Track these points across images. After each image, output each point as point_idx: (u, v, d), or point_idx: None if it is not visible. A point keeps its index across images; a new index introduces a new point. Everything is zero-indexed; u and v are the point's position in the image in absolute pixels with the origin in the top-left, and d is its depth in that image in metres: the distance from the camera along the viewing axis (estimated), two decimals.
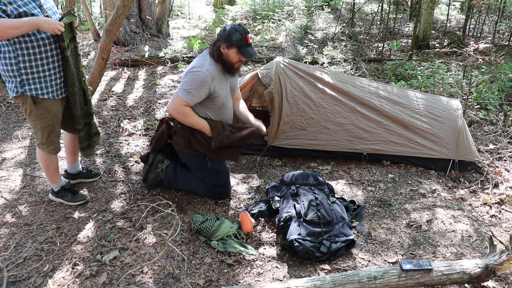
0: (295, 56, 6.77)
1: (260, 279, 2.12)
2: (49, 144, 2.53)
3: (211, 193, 2.82)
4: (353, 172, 3.26)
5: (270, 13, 9.42)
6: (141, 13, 7.76)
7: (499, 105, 4.72)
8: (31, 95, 2.33)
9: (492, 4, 8.74)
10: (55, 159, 2.65)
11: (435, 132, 3.30)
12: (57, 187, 2.74)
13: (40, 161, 2.64)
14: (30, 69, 2.28)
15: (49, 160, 2.61)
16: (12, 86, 2.33)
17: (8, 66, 2.27)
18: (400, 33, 8.96)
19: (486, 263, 1.97)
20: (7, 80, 2.34)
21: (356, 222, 2.61)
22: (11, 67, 2.27)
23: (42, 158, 2.60)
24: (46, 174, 2.69)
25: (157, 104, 4.72)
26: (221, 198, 2.85)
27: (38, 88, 2.33)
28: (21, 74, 2.28)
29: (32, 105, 2.37)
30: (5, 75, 2.34)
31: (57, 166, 2.69)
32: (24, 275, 2.10)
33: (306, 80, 3.36)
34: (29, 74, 2.29)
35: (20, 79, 2.29)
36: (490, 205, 2.85)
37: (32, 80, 2.31)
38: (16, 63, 2.25)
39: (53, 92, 2.40)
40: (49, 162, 2.62)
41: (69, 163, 2.93)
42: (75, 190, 2.81)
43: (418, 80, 5.39)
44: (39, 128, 2.47)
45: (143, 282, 2.08)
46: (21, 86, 2.31)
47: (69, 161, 2.92)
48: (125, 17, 4.00)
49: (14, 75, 2.29)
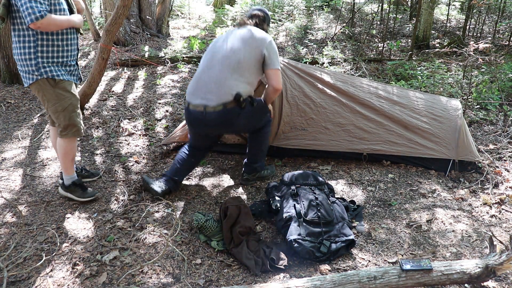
0: (295, 56, 6.77)
1: (260, 279, 2.12)
2: (72, 125, 2.59)
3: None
4: (353, 172, 3.26)
5: (270, 13, 9.41)
6: (141, 13, 7.76)
7: (499, 105, 4.72)
8: (47, 77, 2.44)
9: (492, 4, 8.74)
10: (75, 148, 2.69)
11: (435, 132, 3.30)
12: (69, 180, 2.74)
13: (60, 150, 2.66)
14: (47, 53, 2.42)
15: (69, 147, 2.65)
16: (28, 70, 2.42)
17: (26, 49, 2.38)
18: (400, 33, 8.96)
19: (486, 263, 1.97)
20: (23, 65, 2.42)
21: (356, 222, 2.61)
22: (28, 50, 2.38)
23: (63, 146, 2.63)
24: (63, 163, 2.70)
25: (157, 104, 4.72)
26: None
27: (53, 70, 2.46)
28: (37, 57, 2.40)
29: (50, 88, 2.47)
30: (21, 61, 2.42)
31: (74, 156, 2.73)
32: (24, 275, 2.10)
33: (306, 80, 3.36)
34: (45, 58, 2.42)
35: (35, 61, 2.40)
36: (490, 205, 2.85)
37: (47, 63, 2.43)
38: (34, 46, 2.38)
39: (68, 75, 2.54)
40: (68, 150, 2.65)
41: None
42: (85, 186, 2.81)
43: (418, 80, 5.39)
44: (60, 110, 2.53)
45: (143, 282, 2.08)
46: (37, 69, 2.41)
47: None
48: (125, 17, 4.00)
49: (30, 58, 2.39)
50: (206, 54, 2.78)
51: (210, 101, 2.59)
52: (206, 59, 2.75)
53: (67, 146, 2.64)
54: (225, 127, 2.74)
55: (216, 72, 2.62)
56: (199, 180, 3.14)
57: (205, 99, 2.61)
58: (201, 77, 2.68)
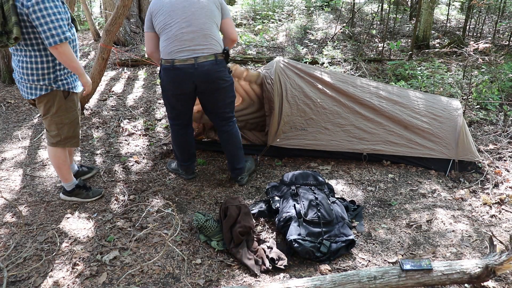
0: (295, 56, 6.77)
1: (260, 279, 2.12)
2: (74, 137, 2.59)
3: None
4: (353, 172, 3.26)
5: (270, 13, 9.42)
6: (141, 13, 7.76)
7: (499, 105, 4.72)
8: (63, 90, 2.44)
9: (492, 4, 8.74)
10: (67, 156, 2.68)
11: (435, 132, 3.30)
12: (71, 186, 2.73)
13: (55, 160, 2.62)
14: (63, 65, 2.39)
15: (64, 157, 2.63)
16: (44, 84, 2.37)
17: (44, 63, 2.33)
18: (400, 33, 8.96)
19: (486, 263, 1.97)
20: (38, 80, 2.35)
21: (356, 222, 2.61)
22: (47, 65, 2.34)
23: (57, 155, 2.61)
24: (61, 173, 2.67)
25: (157, 104, 4.72)
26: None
27: (69, 82, 2.47)
28: (55, 71, 2.38)
29: (62, 100, 2.45)
30: (34, 75, 2.35)
31: (69, 164, 2.71)
32: (24, 275, 2.10)
33: (306, 80, 3.36)
34: (62, 70, 2.41)
35: (54, 75, 2.38)
36: (490, 205, 2.85)
37: (64, 75, 2.43)
38: (52, 60, 2.35)
39: (78, 86, 2.55)
40: (64, 159, 2.64)
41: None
42: (89, 186, 2.81)
43: (418, 80, 5.39)
44: (66, 123, 2.52)
45: (143, 282, 2.08)
46: (54, 82, 2.39)
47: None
48: (125, 17, 4.00)
49: (48, 72, 2.36)
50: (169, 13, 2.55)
51: (201, 52, 2.54)
52: (175, 16, 2.54)
53: (62, 154, 2.62)
54: (212, 83, 2.64)
55: (200, 25, 2.54)
56: (199, 180, 3.14)
57: (194, 51, 2.54)
58: (182, 35, 2.53)
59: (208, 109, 2.86)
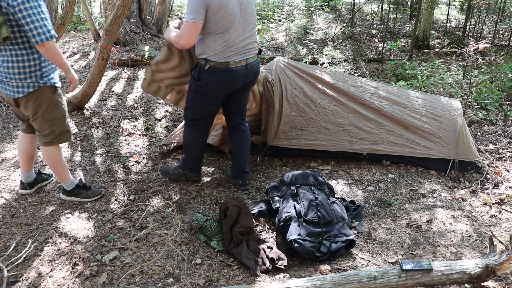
0: (295, 56, 6.77)
1: (260, 279, 2.12)
2: (66, 131, 2.60)
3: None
4: (353, 172, 3.26)
5: (270, 13, 9.42)
6: (141, 13, 7.77)
7: (499, 105, 4.72)
8: (50, 84, 2.45)
9: (492, 4, 8.74)
10: (62, 155, 2.68)
11: (435, 132, 3.30)
12: (71, 185, 2.73)
13: (51, 159, 2.61)
14: (49, 62, 2.43)
15: (58, 155, 2.63)
16: (31, 81, 2.37)
17: (31, 61, 2.35)
18: (400, 33, 8.96)
19: (486, 263, 1.97)
20: (25, 77, 2.35)
21: (356, 222, 2.61)
22: (34, 62, 2.36)
23: (52, 154, 2.60)
24: (58, 172, 2.66)
25: (157, 104, 4.72)
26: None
27: (54, 78, 2.48)
28: (41, 68, 2.40)
29: (51, 95, 2.47)
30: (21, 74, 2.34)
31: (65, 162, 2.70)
32: (24, 275, 2.10)
33: (306, 80, 3.36)
34: (48, 66, 2.43)
35: (40, 72, 2.39)
36: (490, 205, 2.85)
37: (50, 70, 2.45)
38: (38, 57, 2.37)
39: (60, 81, 2.56)
40: (59, 158, 2.63)
41: (25, 172, 2.81)
42: (89, 186, 2.81)
43: (418, 80, 5.39)
44: (59, 117, 2.53)
45: (143, 282, 2.08)
46: (41, 78, 2.40)
47: (26, 169, 2.80)
48: (125, 17, 4.00)
49: (35, 70, 2.37)
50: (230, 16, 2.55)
51: (250, 53, 2.70)
52: (236, 21, 2.58)
53: (57, 152, 2.61)
54: (254, 80, 2.84)
55: (252, 31, 2.73)
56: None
57: (245, 54, 2.68)
58: (239, 42, 2.63)
59: (233, 107, 2.92)
